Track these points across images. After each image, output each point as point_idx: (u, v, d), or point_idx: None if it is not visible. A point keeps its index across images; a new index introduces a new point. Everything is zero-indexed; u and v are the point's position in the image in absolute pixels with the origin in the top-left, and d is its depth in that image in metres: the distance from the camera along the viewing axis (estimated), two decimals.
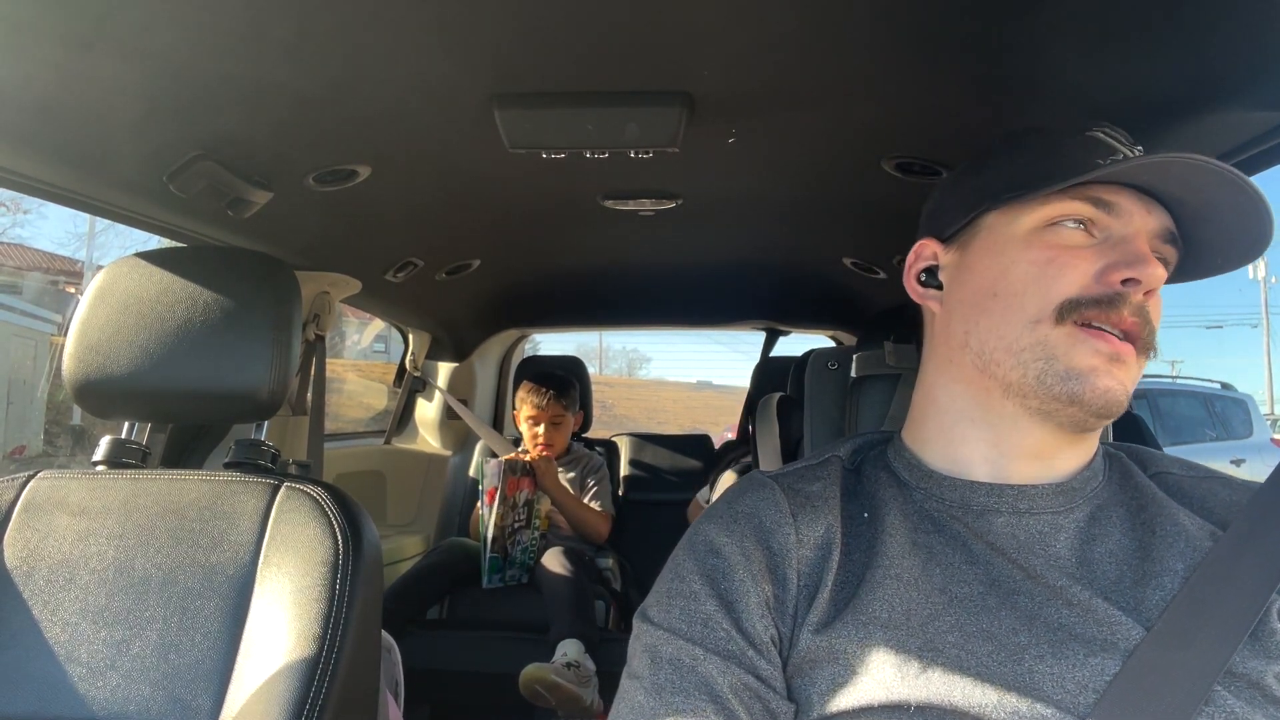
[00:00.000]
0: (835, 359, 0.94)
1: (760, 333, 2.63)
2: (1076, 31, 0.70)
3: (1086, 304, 0.54)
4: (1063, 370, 0.53)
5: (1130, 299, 0.53)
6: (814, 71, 0.80)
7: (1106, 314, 0.53)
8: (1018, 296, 0.56)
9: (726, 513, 0.61)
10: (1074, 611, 0.51)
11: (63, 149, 0.88)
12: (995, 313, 0.57)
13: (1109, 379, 0.53)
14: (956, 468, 0.60)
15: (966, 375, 0.60)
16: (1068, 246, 0.56)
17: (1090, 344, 0.53)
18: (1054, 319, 0.54)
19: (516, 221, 1.44)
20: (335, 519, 0.80)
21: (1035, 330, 0.55)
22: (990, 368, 0.57)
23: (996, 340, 0.57)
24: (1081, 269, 0.55)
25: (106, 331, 0.85)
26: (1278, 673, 0.48)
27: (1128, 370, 0.54)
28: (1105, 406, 0.53)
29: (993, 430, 0.58)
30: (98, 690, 0.74)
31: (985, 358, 0.57)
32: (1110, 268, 0.54)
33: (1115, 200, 0.56)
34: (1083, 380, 0.53)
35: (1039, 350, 0.54)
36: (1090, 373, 0.53)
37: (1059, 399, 0.54)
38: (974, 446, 0.59)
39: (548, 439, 2.09)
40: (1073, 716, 0.47)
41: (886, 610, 0.53)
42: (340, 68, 0.78)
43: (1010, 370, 0.56)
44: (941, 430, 0.61)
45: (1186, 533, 0.55)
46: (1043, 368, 0.54)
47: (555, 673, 1.57)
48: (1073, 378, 0.53)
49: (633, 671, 0.54)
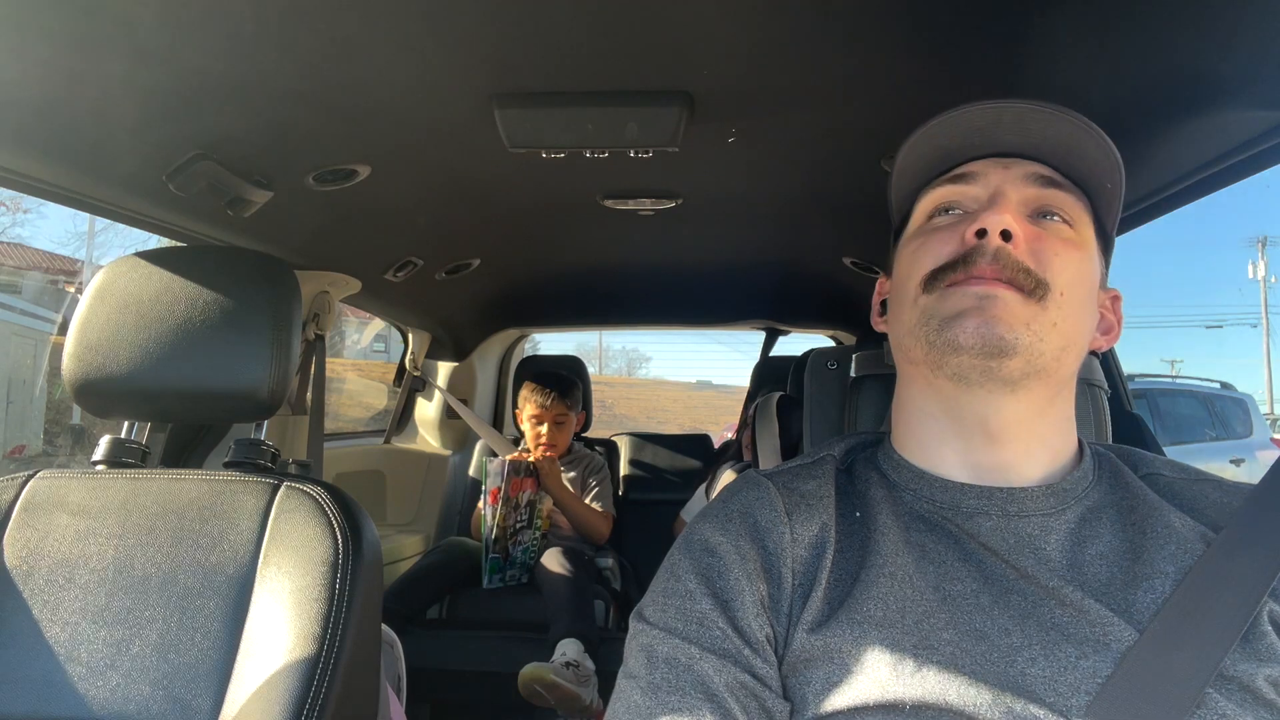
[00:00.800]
0: (835, 358, 0.94)
1: (760, 332, 2.63)
2: (1075, 32, 0.70)
3: (944, 269, 0.57)
4: (938, 324, 0.56)
5: (986, 249, 0.55)
6: (814, 71, 0.80)
7: (965, 271, 0.55)
8: (902, 285, 0.61)
9: (722, 512, 0.61)
10: (1067, 612, 0.51)
11: (63, 149, 0.88)
12: (897, 307, 0.62)
13: (979, 316, 0.54)
14: (940, 470, 0.60)
15: (907, 373, 0.63)
16: (936, 229, 0.60)
17: (954, 294, 0.56)
18: (923, 289, 0.58)
19: (516, 221, 1.44)
20: (335, 519, 0.80)
21: (916, 305, 0.58)
22: (908, 355, 0.60)
23: (901, 329, 0.61)
24: (945, 241, 0.58)
25: (106, 331, 0.85)
26: (1268, 675, 0.48)
27: (1007, 307, 0.54)
28: (985, 343, 0.54)
29: (947, 418, 0.60)
30: (98, 690, 0.74)
31: (902, 349, 0.62)
32: (966, 228, 0.57)
33: (970, 170, 0.60)
34: (953, 325, 0.55)
35: (921, 318, 0.57)
36: (959, 316, 0.55)
37: (945, 349, 0.55)
38: (944, 441, 0.60)
39: (550, 439, 2.09)
40: (1064, 718, 0.47)
41: (881, 609, 0.53)
42: (340, 68, 0.78)
43: (913, 348, 0.59)
44: (916, 433, 0.63)
45: (1178, 534, 0.55)
46: (925, 331, 0.57)
47: (554, 672, 1.57)
48: (945, 326, 0.55)
49: (629, 671, 0.55)
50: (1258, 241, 20.38)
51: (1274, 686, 0.48)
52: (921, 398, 0.61)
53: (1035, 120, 0.58)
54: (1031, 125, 0.58)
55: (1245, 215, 32.15)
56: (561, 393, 2.11)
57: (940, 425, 0.60)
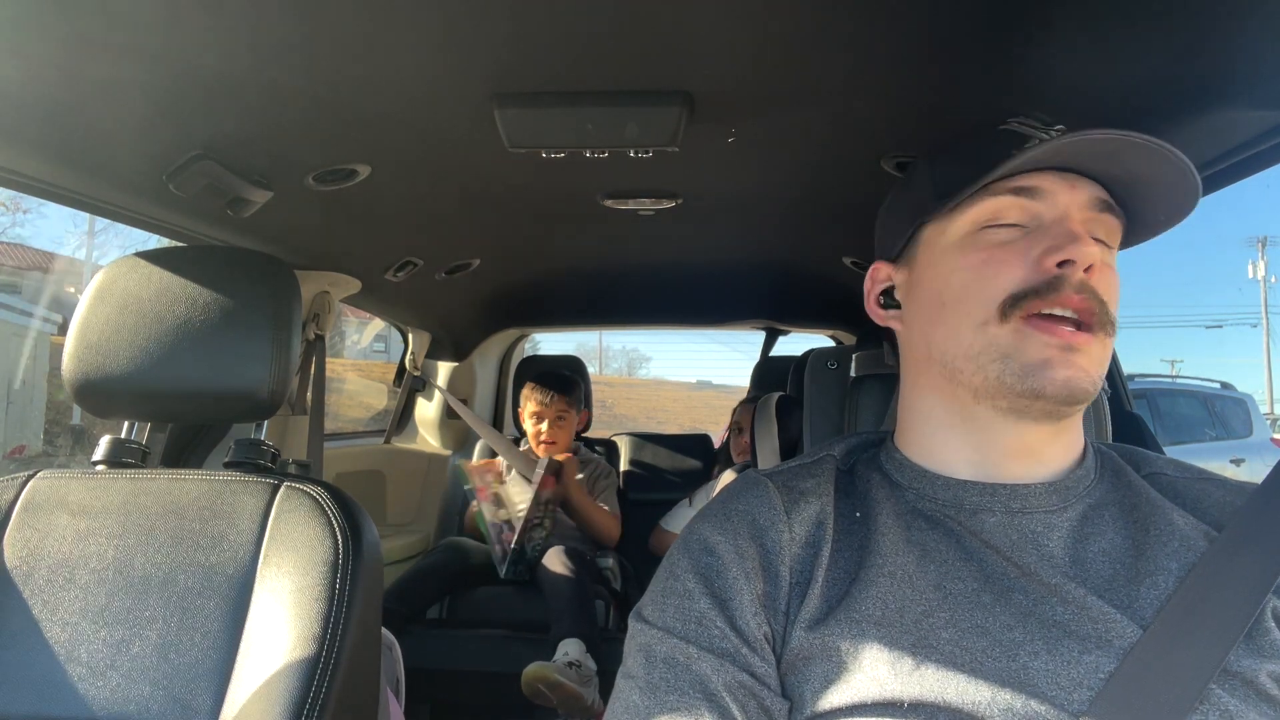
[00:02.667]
0: (835, 358, 0.94)
1: (760, 332, 2.63)
2: (1075, 31, 0.70)
3: (1027, 295, 0.54)
4: (1019, 368, 0.54)
5: (1070, 279, 0.54)
6: (814, 71, 0.80)
7: (1050, 300, 0.54)
8: (962, 303, 0.57)
9: (721, 512, 0.61)
10: (1069, 609, 0.51)
11: (63, 149, 0.88)
12: (947, 322, 0.58)
13: (1066, 368, 0.53)
14: (945, 469, 0.60)
15: (938, 385, 0.61)
16: (1000, 244, 0.57)
17: (1039, 338, 0.54)
18: (999, 317, 0.55)
19: (516, 221, 1.44)
20: (335, 519, 0.80)
21: (985, 332, 0.56)
22: (956, 375, 0.58)
23: (954, 348, 0.58)
24: (1015, 263, 0.55)
25: (106, 331, 0.85)
26: (1271, 671, 0.48)
27: (1087, 354, 0.54)
28: (1070, 395, 0.54)
29: (973, 435, 0.59)
30: (98, 690, 0.74)
31: (949, 367, 0.58)
32: (1044, 254, 0.55)
33: (1036, 185, 0.57)
34: (1039, 374, 0.54)
35: (993, 351, 0.55)
36: (1045, 365, 0.53)
37: (1024, 395, 0.54)
38: (958, 450, 0.60)
39: (551, 436, 2.10)
40: (1067, 713, 0.47)
41: (880, 607, 0.53)
42: (340, 68, 0.78)
43: (973, 375, 0.56)
44: (925, 437, 0.62)
45: (1180, 532, 0.55)
46: (1000, 368, 0.55)
47: (558, 671, 1.57)
48: (1030, 373, 0.54)
49: (628, 671, 0.55)
50: (1258, 241, 20.41)
51: (1277, 683, 0.48)
52: (939, 409, 0.61)
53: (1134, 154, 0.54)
54: (1128, 157, 0.55)
55: (1245, 215, 32.17)
56: (563, 390, 2.12)
57: (955, 435, 0.60)
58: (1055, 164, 0.57)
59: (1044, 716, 0.47)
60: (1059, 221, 0.56)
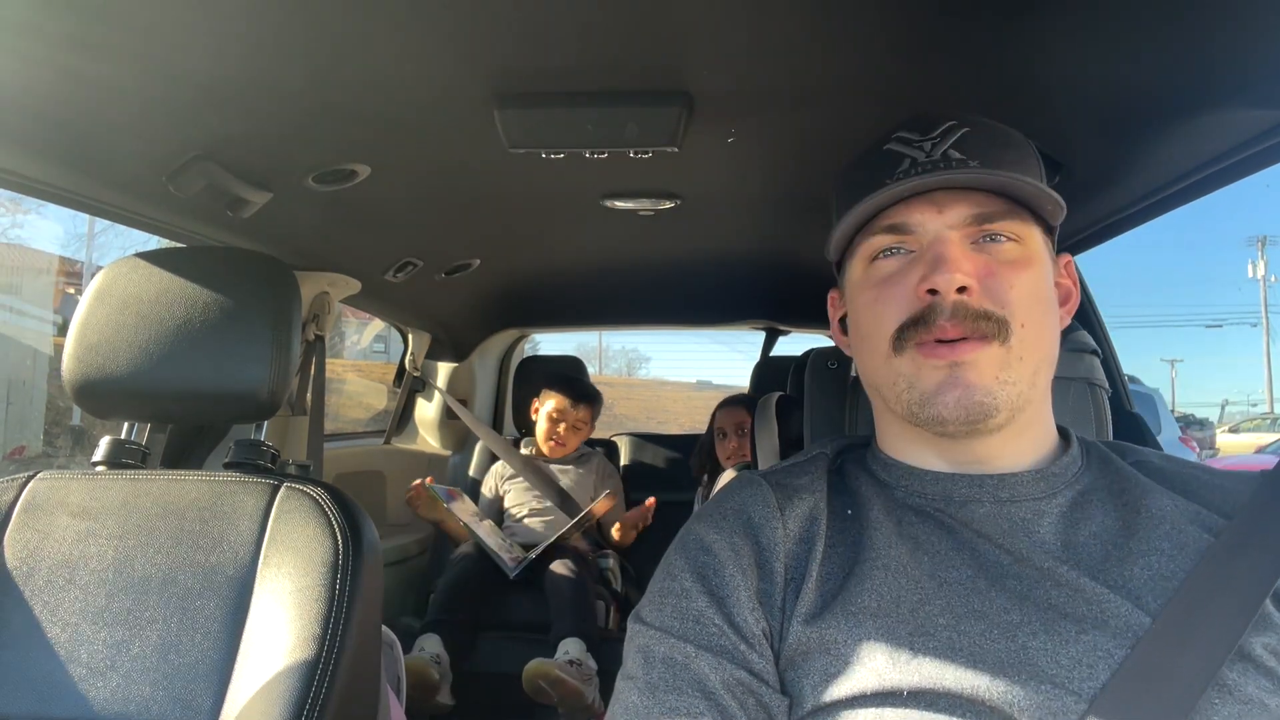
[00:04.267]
0: (835, 358, 0.94)
1: (760, 333, 2.63)
2: (1075, 32, 0.70)
3: (907, 327, 0.56)
4: (919, 396, 0.56)
5: (942, 306, 0.54)
6: (814, 71, 0.80)
7: (926, 330, 0.55)
8: (869, 339, 0.60)
9: (716, 511, 0.62)
10: (1063, 592, 0.52)
11: (63, 150, 0.88)
12: (865, 353, 0.61)
13: (954, 388, 0.54)
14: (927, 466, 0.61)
15: (882, 407, 0.63)
16: (886, 277, 0.59)
17: (928, 364, 0.55)
18: (894, 350, 0.57)
19: (516, 221, 1.44)
20: (335, 519, 0.80)
21: (890, 364, 0.58)
22: (888, 403, 0.60)
23: (875, 378, 0.61)
24: (898, 296, 0.57)
25: (106, 331, 0.85)
26: (1266, 643, 0.49)
27: (975, 367, 0.54)
28: (968, 414, 0.54)
29: (933, 445, 0.60)
30: (98, 690, 0.74)
31: (879, 394, 0.61)
32: (919, 282, 0.56)
33: (903, 220, 0.58)
34: (933, 401, 0.55)
35: (901, 381, 0.57)
36: (937, 391, 0.55)
37: (931, 421, 0.56)
38: (931, 461, 0.61)
39: (563, 438, 2.15)
40: (1068, 692, 0.47)
41: (875, 600, 0.53)
42: (340, 68, 0.78)
43: (895, 403, 0.59)
44: (902, 444, 0.63)
45: (1170, 514, 0.55)
46: (907, 397, 0.57)
47: (559, 668, 1.57)
48: (927, 401, 0.55)
49: (627, 672, 0.55)
50: (1258, 241, 20.41)
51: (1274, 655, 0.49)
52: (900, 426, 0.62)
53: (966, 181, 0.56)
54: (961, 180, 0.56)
55: (1245, 215, 32.14)
56: (590, 404, 2.20)
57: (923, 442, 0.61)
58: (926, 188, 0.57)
59: (1044, 695, 0.47)
60: (931, 246, 0.57)
